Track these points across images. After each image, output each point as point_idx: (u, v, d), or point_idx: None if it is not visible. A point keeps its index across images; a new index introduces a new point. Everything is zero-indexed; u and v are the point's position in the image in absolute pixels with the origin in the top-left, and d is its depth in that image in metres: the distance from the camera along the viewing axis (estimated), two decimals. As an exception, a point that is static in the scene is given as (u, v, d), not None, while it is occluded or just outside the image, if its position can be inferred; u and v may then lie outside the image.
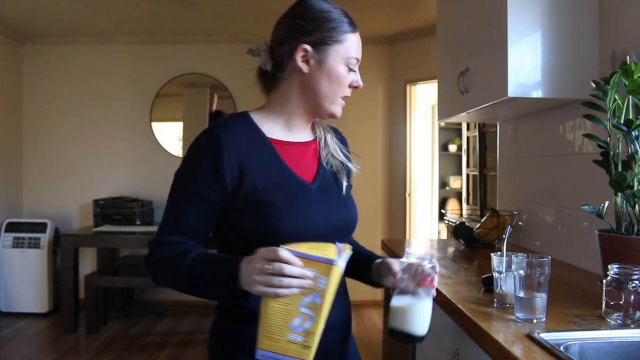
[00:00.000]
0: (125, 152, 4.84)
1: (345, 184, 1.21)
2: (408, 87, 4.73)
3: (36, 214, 4.75)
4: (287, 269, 0.89)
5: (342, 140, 1.30)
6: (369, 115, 4.88)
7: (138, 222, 4.37)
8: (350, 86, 1.16)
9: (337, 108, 1.17)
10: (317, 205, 1.12)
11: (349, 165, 1.25)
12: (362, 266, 1.23)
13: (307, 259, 0.90)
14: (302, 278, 0.90)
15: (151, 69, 4.82)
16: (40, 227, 4.38)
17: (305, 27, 1.12)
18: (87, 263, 4.65)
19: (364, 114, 4.86)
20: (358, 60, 1.16)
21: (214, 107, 4.92)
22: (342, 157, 1.23)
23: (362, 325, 4.26)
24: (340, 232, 1.15)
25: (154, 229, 4.34)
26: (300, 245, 0.93)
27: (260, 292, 0.91)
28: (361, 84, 1.17)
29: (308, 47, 1.11)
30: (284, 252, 0.90)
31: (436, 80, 2.78)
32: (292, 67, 1.14)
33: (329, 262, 0.90)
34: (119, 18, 4.23)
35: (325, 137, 1.23)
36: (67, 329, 3.94)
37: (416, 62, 4.63)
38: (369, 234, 4.73)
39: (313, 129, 1.24)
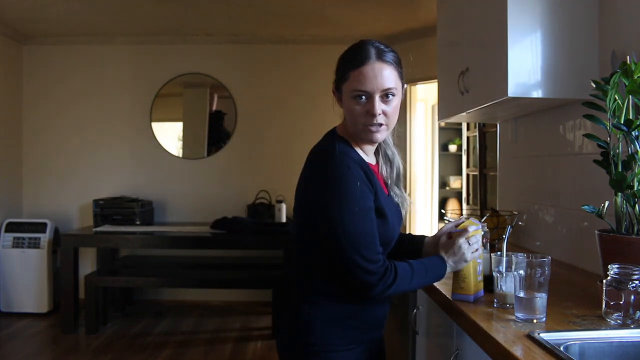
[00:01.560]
0: (125, 152, 4.84)
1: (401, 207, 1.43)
2: (408, 87, 4.72)
3: (36, 214, 4.74)
4: (476, 238, 1.37)
5: (397, 169, 1.47)
6: (369, 115, 4.88)
7: (138, 222, 4.37)
8: (367, 115, 1.26)
9: (367, 135, 1.29)
10: (398, 217, 1.38)
11: (404, 194, 1.45)
12: (414, 250, 1.49)
13: (474, 230, 1.39)
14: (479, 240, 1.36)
15: (151, 69, 4.82)
16: (40, 227, 4.38)
17: (335, 71, 1.33)
18: (87, 263, 4.65)
19: (364, 114, 4.86)
20: (366, 91, 1.24)
21: (214, 107, 4.92)
22: (401, 188, 1.45)
23: (362, 325, 4.25)
24: (396, 238, 1.40)
25: (153, 229, 4.34)
26: (460, 224, 1.42)
27: (471, 259, 1.37)
28: (374, 111, 1.25)
29: (334, 89, 1.34)
30: (452, 226, 1.41)
31: (436, 80, 2.78)
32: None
33: (479, 227, 1.41)
34: (119, 18, 4.23)
35: (388, 168, 1.42)
36: (67, 329, 3.93)
37: (416, 62, 4.61)
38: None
39: (377, 152, 1.43)
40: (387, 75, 1.26)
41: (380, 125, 1.27)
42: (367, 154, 1.37)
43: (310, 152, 1.35)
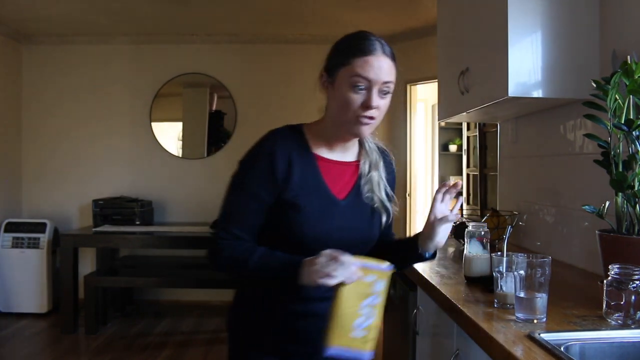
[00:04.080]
0: (125, 152, 4.84)
1: (380, 212, 1.33)
2: (408, 87, 4.72)
3: (35, 214, 4.74)
4: (345, 264, 1.11)
5: (389, 165, 1.40)
6: (369, 115, 4.88)
7: (138, 222, 4.36)
8: (362, 106, 1.20)
9: (354, 128, 1.23)
10: (341, 220, 1.27)
11: (387, 205, 1.35)
12: (409, 247, 1.36)
13: (365, 267, 1.13)
14: (354, 274, 1.12)
15: (151, 69, 4.81)
16: (40, 227, 4.37)
17: (328, 56, 1.28)
18: (87, 263, 4.65)
19: (364, 114, 4.86)
20: (369, 80, 1.19)
21: (214, 107, 4.91)
22: (382, 196, 1.34)
23: (362, 325, 4.25)
24: (357, 245, 1.28)
25: (153, 229, 4.34)
26: (358, 258, 1.14)
27: (320, 284, 1.12)
28: (372, 103, 1.20)
29: (324, 73, 1.26)
30: (346, 256, 1.12)
31: (436, 80, 2.77)
32: (324, 93, 1.29)
33: (383, 269, 1.15)
34: (119, 18, 4.23)
35: (370, 175, 1.33)
36: (66, 329, 3.93)
37: (416, 62, 4.62)
38: (369, 234, 4.72)
39: (361, 151, 1.36)
40: (389, 69, 1.23)
41: (372, 118, 1.23)
42: (333, 151, 1.31)
43: None
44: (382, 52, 1.22)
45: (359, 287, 1.12)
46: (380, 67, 1.21)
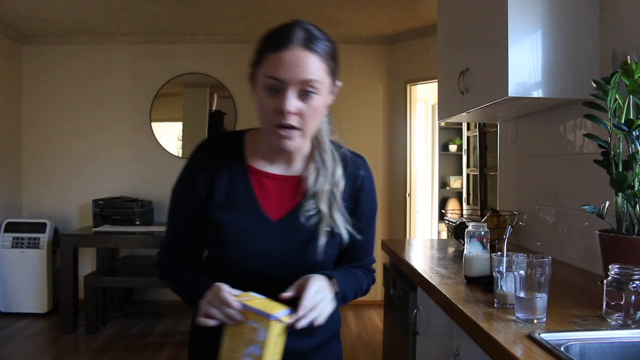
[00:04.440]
0: (124, 152, 4.84)
1: (327, 227, 1.10)
2: (408, 87, 4.73)
3: (35, 214, 4.74)
4: (224, 303, 0.96)
5: (354, 186, 1.15)
6: (369, 115, 4.88)
7: (137, 222, 4.36)
8: (276, 112, 1.01)
9: (274, 139, 1.04)
10: (272, 244, 1.08)
11: (340, 228, 1.11)
12: None
13: (249, 310, 0.96)
14: (231, 318, 0.96)
15: (151, 69, 4.81)
16: (40, 227, 4.37)
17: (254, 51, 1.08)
18: (87, 263, 4.65)
19: (364, 113, 4.86)
20: (281, 81, 0.99)
21: (214, 107, 4.91)
22: (335, 217, 1.11)
23: (362, 325, 4.26)
24: (293, 274, 1.06)
25: (153, 229, 4.33)
26: (253, 298, 0.99)
27: (199, 317, 1.00)
28: (284, 106, 0.99)
29: (250, 72, 1.07)
30: (225, 294, 0.97)
31: (436, 80, 2.77)
32: None
33: (267, 317, 0.94)
34: (119, 18, 4.23)
35: (316, 188, 1.10)
36: (66, 329, 3.93)
37: (416, 62, 4.62)
38: (369, 234, 4.71)
39: (308, 165, 1.13)
40: (310, 66, 1.00)
41: (292, 128, 1.01)
42: (275, 163, 1.12)
43: None
44: (304, 44, 1.00)
45: (243, 331, 0.96)
46: (297, 63, 0.99)
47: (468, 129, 4.54)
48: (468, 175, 4.55)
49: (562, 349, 1.01)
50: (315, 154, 1.13)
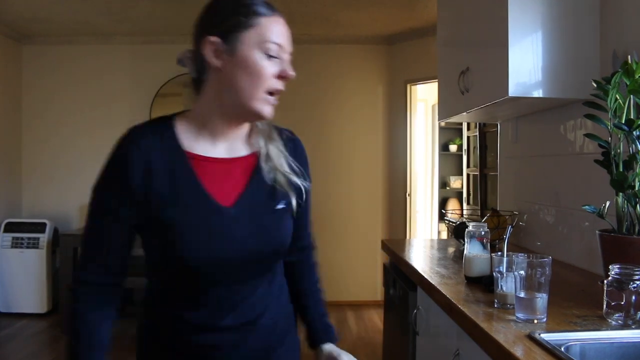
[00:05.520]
0: (125, 152, 4.83)
1: (282, 204, 1.06)
2: (408, 87, 4.73)
3: (35, 214, 4.74)
4: None
5: (294, 149, 1.13)
6: (369, 115, 4.88)
7: (138, 222, 4.36)
8: (277, 77, 1.00)
9: (262, 105, 1.00)
10: (231, 232, 1.00)
11: (296, 180, 1.09)
12: (309, 333, 1.20)
13: None
14: None
15: (151, 69, 4.81)
16: (40, 227, 4.37)
17: (213, 19, 1.04)
18: (87, 263, 4.64)
19: (364, 114, 4.86)
20: (281, 46, 1.00)
21: (214, 107, 4.91)
22: (286, 170, 1.08)
23: (362, 325, 4.25)
24: (260, 259, 1.04)
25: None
26: None
27: None
28: (290, 72, 1.01)
29: (215, 39, 1.00)
30: None
31: (436, 80, 2.77)
32: (208, 66, 1.01)
33: None
34: (119, 18, 4.23)
35: (268, 150, 1.07)
36: (66, 329, 3.92)
37: (416, 62, 4.62)
38: (369, 234, 4.73)
39: (251, 141, 1.09)
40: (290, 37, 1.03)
41: (277, 94, 1.03)
42: (216, 145, 1.05)
43: None
44: (280, 15, 1.04)
45: None
46: (286, 32, 1.03)
47: (468, 129, 4.54)
48: (468, 175, 4.56)
49: (562, 349, 1.01)
50: (255, 128, 1.10)
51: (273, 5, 1.04)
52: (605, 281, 1.20)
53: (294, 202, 1.08)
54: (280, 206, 1.06)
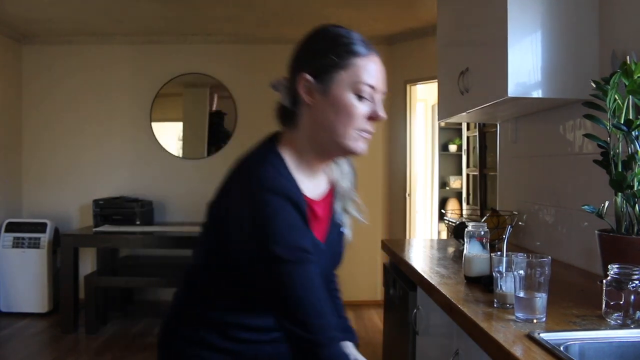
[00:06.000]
0: (125, 152, 4.84)
1: (343, 229, 1.16)
2: (408, 87, 4.73)
3: (36, 214, 4.74)
4: None
5: (354, 178, 1.20)
6: (369, 115, 4.88)
7: (138, 222, 4.37)
8: (368, 118, 1.02)
9: (353, 143, 1.02)
10: (321, 264, 1.05)
11: (353, 210, 1.17)
12: None
13: None
14: None
15: (151, 69, 4.82)
16: (40, 227, 4.38)
17: (308, 56, 1.05)
18: (87, 263, 4.65)
19: (364, 114, 4.86)
20: (373, 88, 1.02)
21: (214, 107, 4.92)
22: (348, 200, 1.15)
23: (362, 325, 4.26)
24: (328, 280, 1.16)
25: (153, 229, 4.34)
26: None
27: None
28: (381, 114, 1.03)
29: (309, 77, 1.02)
30: None
31: (436, 80, 2.78)
32: (301, 101, 1.04)
33: None
34: (119, 18, 4.23)
35: (340, 181, 1.15)
36: (67, 329, 3.93)
37: (416, 62, 4.62)
38: (369, 234, 4.72)
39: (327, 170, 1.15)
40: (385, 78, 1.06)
41: (370, 132, 1.05)
42: (314, 179, 1.09)
43: (239, 166, 1.05)
44: (376, 54, 1.05)
45: None
46: (382, 72, 1.04)
47: (468, 129, 4.55)
48: (468, 175, 4.56)
49: (561, 348, 1.01)
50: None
51: (370, 44, 1.04)
52: (604, 281, 1.20)
53: (348, 229, 1.17)
54: (343, 230, 1.16)
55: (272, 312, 0.99)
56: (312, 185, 1.08)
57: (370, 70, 1.02)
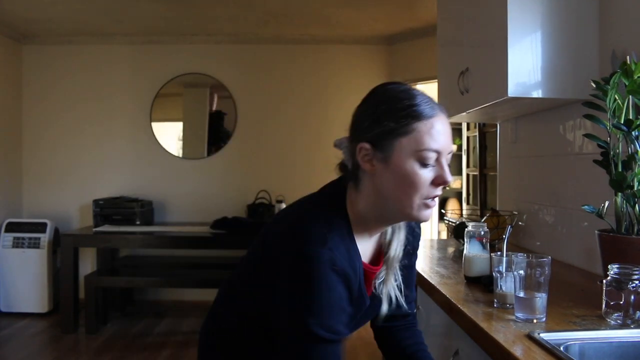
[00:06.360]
0: (125, 152, 4.84)
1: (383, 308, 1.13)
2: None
3: (36, 214, 4.74)
4: None
5: (414, 238, 1.16)
6: (369, 115, 4.88)
7: (138, 222, 4.37)
8: (433, 184, 0.97)
9: (417, 212, 0.98)
10: (364, 312, 1.09)
11: (394, 294, 1.12)
12: None
13: None
14: None
15: (151, 69, 4.82)
16: (40, 227, 4.38)
17: (365, 121, 0.98)
18: (87, 263, 4.65)
19: (364, 114, 4.86)
20: (438, 153, 0.95)
21: (214, 107, 4.92)
22: (396, 290, 1.12)
23: (362, 325, 4.25)
24: (364, 323, 1.17)
25: (153, 229, 4.34)
26: None
27: None
28: (447, 179, 0.97)
29: (367, 145, 0.96)
30: None
31: (436, 80, 2.77)
32: (362, 169, 0.99)
33: None
34: (119, 18, 4.23)
35: (392, 243, 1.09)
36: (67, 329, 3.93)
37: (416, 62, 4.62)
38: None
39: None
40: (451, 134, 1.00)
41: (436, 198, 1.00)
42: (369, 242, 1.07)
43: (298, 223, 0.99)
44: (441, 111, 0.99)
45: None
46: (447, 132, 0.98)
47: (468, 129, 4.55)
48: (468, 175, 4.56)
49: (561, 348, 1.01)
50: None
51: (435, 103, 0.98)
52: (604, 281, 1.20)
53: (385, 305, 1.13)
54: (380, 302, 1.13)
55: None
56: (365, 247, 1.06)
57: (434, 134, 0.95)
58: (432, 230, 5.69)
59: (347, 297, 0.96)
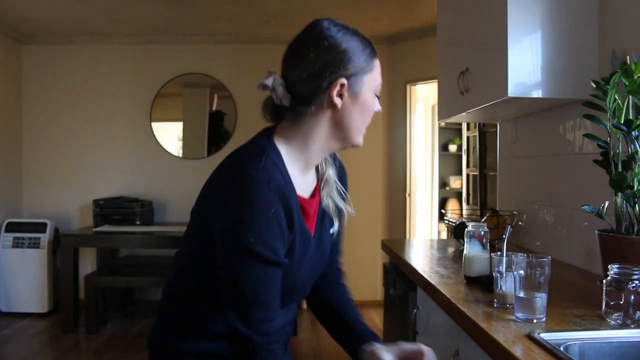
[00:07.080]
0: (125, 152, 4.84)
1: (334, 228, 1.16)
2: (408, 87, 4.73)
3: (36, 214, 4.74)
4: None
5: (340, 169, 1.21)
6: (369, 115, 4.88)
7: (138, 222, 4.37)
8: (375, 113, 1.10)
9: (360, 137, 1.09)
10: (313, 258, 1.10)
11: (343, 207, 1.17)
12: (348, 340, 1.17)
13: None
14: None
15: (151, 69, 4.82)
16: (40, 227, 4.38)
17: (341, 60, 1.02)
18: (87, 263, 4.65)
19: (364, 114, 4.87)
20: (381, 85, 1.10)
21: (214, 107, 4.92)
22: (337, 199, 1.15)
23: (362, 325, 4.25)
24: (316, 275, 1.17)
25: (153, 229, 4.34)
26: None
27: None
28: (380, 108, 1.11)
29: (345, 81, 1.02)
30: None
31: (436, 80, 2.78)
32: (323, 103, 1.03)
33: None
34: (118, 18, 4.23)
35: (327, 174, 1.14)
36: (67, 329, 3.93)
37: (416, 62, 4.62)
38: (369, 234, 4.72)
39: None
40: None
41: None
42: (306, 175, 1.09)
43: (231, 156, 1.07)
44: None
45: None
46: None
47: (468, 129, 4.55)
48: (468, 175, 4.56)
49: (561, 348, 1.01)
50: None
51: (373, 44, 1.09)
52: (604, 281, 1.20)
53: (338, 227, 1.17)
54: (331, 231, 1.16)
55: (225, 306, 0.98)
56: (303, 181, 1.08)
57: (379, 69, 1.08)
58: (432, 231, 5.70)
59: (286, 220, 0.98)
